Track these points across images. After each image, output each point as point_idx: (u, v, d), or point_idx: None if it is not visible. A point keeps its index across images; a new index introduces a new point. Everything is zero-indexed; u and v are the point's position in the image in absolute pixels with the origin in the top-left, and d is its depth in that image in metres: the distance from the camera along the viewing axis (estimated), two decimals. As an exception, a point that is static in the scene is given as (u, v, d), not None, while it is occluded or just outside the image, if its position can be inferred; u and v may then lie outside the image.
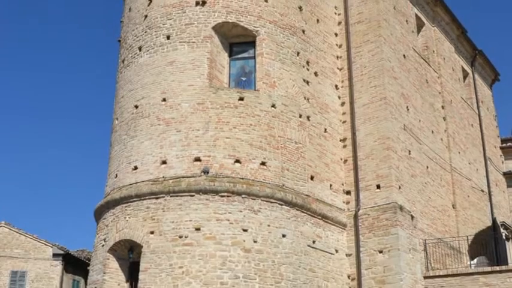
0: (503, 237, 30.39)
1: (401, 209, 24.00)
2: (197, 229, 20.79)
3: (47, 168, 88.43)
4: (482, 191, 34.24)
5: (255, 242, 20.96)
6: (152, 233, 21.14)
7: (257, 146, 22.43)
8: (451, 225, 29.44)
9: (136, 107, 23.69)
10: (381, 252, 23.43)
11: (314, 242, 22.82)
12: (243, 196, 21.39)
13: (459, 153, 32.25)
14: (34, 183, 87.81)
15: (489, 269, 24.34)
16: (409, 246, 23.85)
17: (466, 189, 31.96)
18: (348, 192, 25.25)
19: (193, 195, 21.26)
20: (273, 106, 23.28)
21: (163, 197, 21.47)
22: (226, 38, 24.31)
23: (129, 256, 22.06)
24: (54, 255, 43.69)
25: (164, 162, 22.18)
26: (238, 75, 24.20)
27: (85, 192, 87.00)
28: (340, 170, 25.50)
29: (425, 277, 24.65)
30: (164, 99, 23.09)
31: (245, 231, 20.96)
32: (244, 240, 20.82)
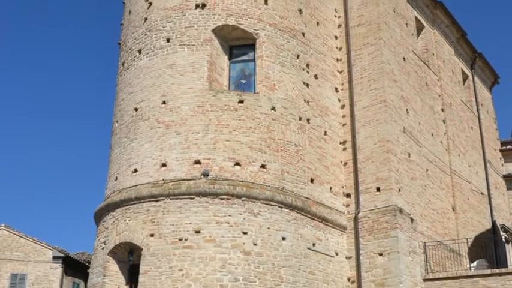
0: (503, 240, 30.41)
1: (401, 211, 24.00)
2: (197, 232, 20.80)
3: (47, 171, 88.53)
4: (482, 193, 34.23)
5: (254, 244, 20.96)
6: (152, 235, 21.14)
7: (257, 148, 22.43)
8: (451, 228, 29.44)
9: (136, 109, 23.70)
10: (380, 254, 23.42)
11: (314, 244, 22.81)
12: (243, 199, 21.40)
13: (459, 155, 32.25)
14: (34, 186, 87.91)
15: (489, 271, 24.34)
16: (408, 248, 23.84)
17: (466, 192, 31.96)
18: (348, 195, 25.25)
19: (193, 198, 21.26)
20: (273, 109, 23.28)
21: (163, 199, 21.47)
22: (226, 40, 24.32)
23: (129, 259, 22.06)
24: (54, 258, 43.71)
25: (164, 165, 22.18)
26: (238, 78, 24.21)
27: (85, 195, 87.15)
28: (340, 172, 25.50)
29: (425, 280, 24.65)
30: (164, 102, 23.10)
31: (245, 234, 20.97)
32: (244, 243, 20.82)
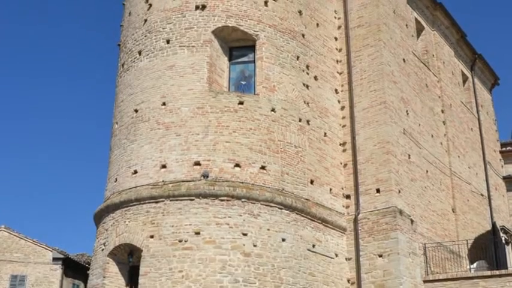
0: (503, 242, 30.42)
1: (401, 213, 24.00)
2: (197, 233, 20.79)
3: (47, 172, 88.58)
4: (482, 195, 34.23)
5: (254, 246, 20.95)
6: (152, 237, 21.13)
7: (257, 150, 22.43)
8: (451, 229, 29.44)
9: (136, 111, 23.70)
10: (380, 256, 23.42)
11: (314, 246, 22.81)
12: (243, 200, 21.40)
13: (459, 157, 32.25)
14: (34, 187, 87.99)
15: (489, 273, 24.32)
16: (408, 250, 23.83)
17: (466, 193, 31.95)
18: (348, 196, 25.23)
19: (193, 200, 21.26)
20: (273, 110, 23.28)
21: (163, 201, 21.46)
22: (226, 42, 24.32)
23: (129, 260, 22.04)
24: (54, 259, 43.73)
25: (164, 167, 22.18)
26: (238, 79, 24.21)
27: (85, 197, 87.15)
28: (339, 174, 25.50)
29: (424, 281, 24.63)
30: (164, 104, 23.10)
31: (245, 235, 20.96)
32: (244, 244, 20.82)
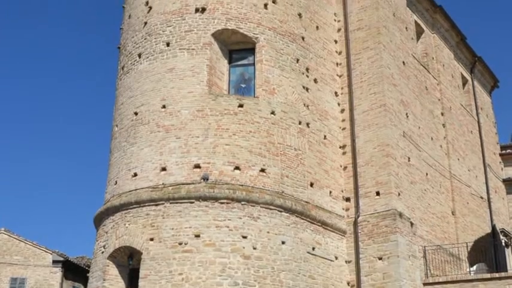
0: (503, 244, 30.37)
1: (400, 215, 24.00)
2: (197, 236, 20.79)
3: (47, 175, 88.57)
4: (482, 197, 34.24)
5: (254, 248, 20.95)
6: (152, 239, 21.13)
7: (257, 152, 22.43)
8: (451, 232, 29.44)
9: (136, 113, 23.70)
10: (380, 259, 23.42)
11: (314, 248, 22.80)
12: (243, 203, 21.39)
13: (458, 160, 32.27)
14: (34, 190, 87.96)
15: (488, 275, 24.32)
16: (408, 253, 23.84)
17: (466, 196, 31.97)
18: (348, 199, 25.24)
19: (193, 202, 21.25)
20: (273, 113, 23.29)
21: (162, 203, 21.46)
22: (226, 44, 24.33)
23: (129, 263, 22.05)
24: (54, 262, 43.70)
25: (164, 169, 22.18)
26: (237, 82, 24.22)
27: (85, 199, 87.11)
28: (339, 176, 25.50)
29: (424, 284, 24.63)
30: (164, 106, 23.11)
31: (244, 238, 20.96)
32: (243, 247, 20.81)
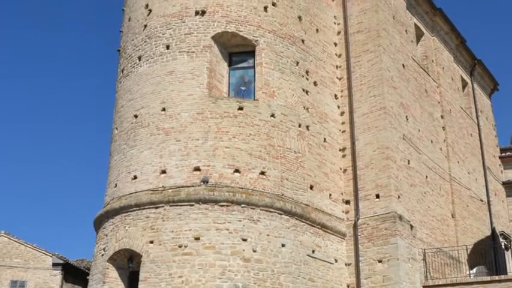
0: (503, 247, 30.42)
1: (400, 218, 24.01)
2: (197, 238, 20.80)
3: (47, 178, 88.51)
4: (482, 200, 34.23)
5: (254, 251, 20.95)
6: (152, 242, 21.13)
7: (256, 155, 22.44)
8: (450, 235, 29.44)
9: (136, 116, 23.71)
10: (380, 261, 23.43)
11: (313, 251, 22.81)
12: (243, 205, 21.40)
13: (458, 162, 32.27)
14: (34, 193, 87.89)
15: (488, 278, 24.33)
16: (408, 255, 23.84)
17: (465, 199, 31.96)
18: (347, 202, 25.25)
19: (193, 205, 21.26)
20: (273, 116, 23.31)
21: (162, 206, 21.47)
22: (226, 47, 24.35)
23: (129, 265, 22.04)
24: (54, 265, 43.66)
25: (164, 172, 22.19)
26: (237, 85, 24.23)
27: (85, 202, 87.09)
28: (339, 179, 25.51)
29: (424, 286, 24.65)
30: (164, 109, 23.12)
31: (244, 240, 20.97)
32: (243, 250, 20.82)
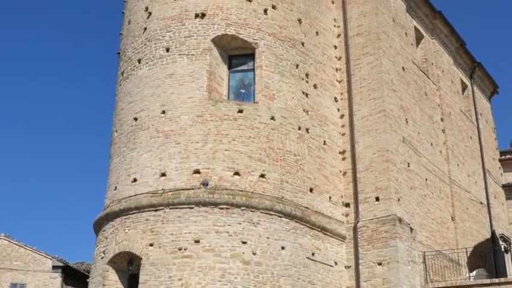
0: (502, 250, 30.41)
1: (400, 221, 24.00)
2: (196, 241, 20.78)
3: (47, 180, 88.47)
4: (481, 203, 34.23)
5: (254, 254, 20.94)
6: (151, 245, 21.12)
7: (256, 158, 22.44)
8: (450, 238, 29.44)
9: (136, 119, 23.71)
10: (380, 264, 23.42)
11: (313, 254, 22.80)
12: (242, 208, 21.39)
13: (458, 165, 32.27)
14: (33, 196, 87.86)
15: (488, 281, 24.32)
16: (408, 258, 23.83)
17: (465, 202, 31.96)
18: (347, 205, 25.24)
19: (193, 208, 21.25)
20: (272, 118, 23.31)
21: (162, 209, 21.45)
22: (226, 50, 24.35)
23: (129, 268, 22.03)
24: (54, 268, 43.63)
25: (163, 175, 22.19)
26: (237, 88, 24.24)
27: (84, 205, 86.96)
28: (339, 182, 25.51)
29: (424, 289, 24.67)
30: (163, 112, 23.12)
31: (244, 243, 20.95)
32: (243, 253, 20.81)
